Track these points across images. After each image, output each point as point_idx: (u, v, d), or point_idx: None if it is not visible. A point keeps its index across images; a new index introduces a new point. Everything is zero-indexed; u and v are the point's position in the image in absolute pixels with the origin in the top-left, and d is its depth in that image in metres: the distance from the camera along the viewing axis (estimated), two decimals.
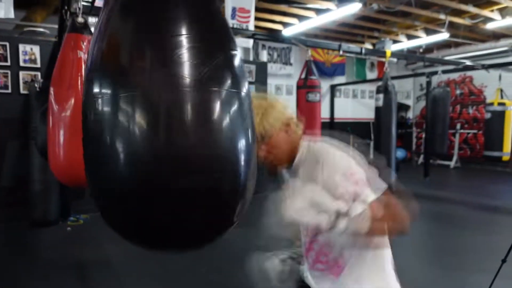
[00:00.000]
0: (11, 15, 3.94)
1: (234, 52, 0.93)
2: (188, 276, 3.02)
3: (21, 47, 4.53)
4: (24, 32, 5.00)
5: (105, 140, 0.83)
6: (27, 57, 4.57)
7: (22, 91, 4.52)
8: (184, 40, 0.83)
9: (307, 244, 1.26)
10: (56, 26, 3.09)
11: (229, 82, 0.88)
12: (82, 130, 0.90)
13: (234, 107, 0.87)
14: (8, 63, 4.47)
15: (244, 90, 0.91)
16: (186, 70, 0.81)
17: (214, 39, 0.90)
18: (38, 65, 4.59)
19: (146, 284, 2.92)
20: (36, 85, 4.14)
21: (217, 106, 0.84)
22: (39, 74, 4.56)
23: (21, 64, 4.53)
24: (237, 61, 0.92)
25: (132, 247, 1.19)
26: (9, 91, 4.47)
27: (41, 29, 5.12)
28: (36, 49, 4.59)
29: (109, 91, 0.83)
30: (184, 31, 0.84)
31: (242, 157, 0.88)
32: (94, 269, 3.16)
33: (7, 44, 4.47)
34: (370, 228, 0.97)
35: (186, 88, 0.81)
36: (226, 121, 0.85)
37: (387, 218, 1.01)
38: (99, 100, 0.84)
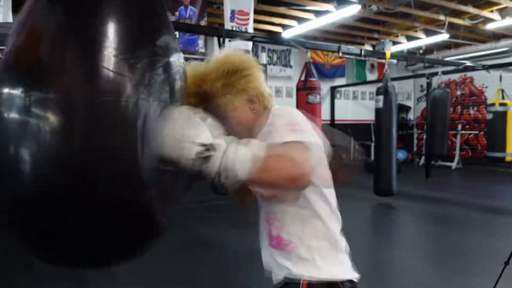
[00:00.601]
0: (10, 19, 3.94)
1: (166, 58, 0.83)
2: (188, 278, 2.99)
3: None
4: None
5: (11, 150, 0.73)
6: None
7: None
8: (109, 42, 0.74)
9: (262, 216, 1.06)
10: None
11: (153, 91, 0.79)
12: None
13: (146, 117, 0.78)
14: None
15: (163, 96, 0.83)
16: (108, 82, 0.73)
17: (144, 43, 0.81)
18: None
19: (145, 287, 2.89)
20: None
21: (134, 116, 0.76)
22: None
23: None
24: (166, 68, 0.83)
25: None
26: None
27: None
28: None
29: (19, 93, 0.72)
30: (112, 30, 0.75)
31: (149, 166, 0.79)
32: (94, 274, 3.14)
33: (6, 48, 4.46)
34: (260, 167, 0.79)
35: (105, 97, 0.72)
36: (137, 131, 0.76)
37: (274, 159, 0.81)
38: (8, 102, 0.74)
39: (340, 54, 5.20)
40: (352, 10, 6.13)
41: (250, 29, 5.36)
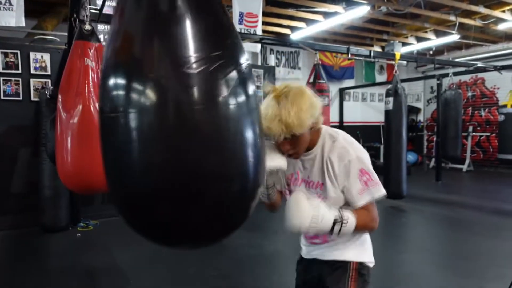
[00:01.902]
0: (22, 23, 4.01)
1: (237, 43, 0.93)
2: (197, 282, 3.00)
3: (32, 55, 4.59)
4: (35, 40, 5.07)
5: (123, 145, 0.81)
6: (37, 65, 4.63)
7: (33, 98, 4.58)
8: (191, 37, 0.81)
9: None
10: (66, 34, 3.12)
11: (239, 83, 0.85)
12: (100, 135, 0.87)
13: (245, 108, 0.86)
14: (20, 71, 4.53)
15: (252, 91, 0.90)
16: (197, 78, 0.79)
17: (220, 33, 0.90)
18: (49, 73, 4.64)
19: None
20: (46, 92, 4.19)
21: (229, 107, 0.83)
22: (49, 81, 4.62)
23: (32, 71, 4.59)
24: (240, 69, 0.90)
25: (141, 252, 1.21)
26: (20, 98, 4.53)
27: (52, 37, 5.18)
28: (46, 57, 4.64)
29: (122, 94, 0.80)
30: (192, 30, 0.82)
31: (252, 160, 0.86)
32: (103, 275, 3.16)
33: (19, 52, 4.53)
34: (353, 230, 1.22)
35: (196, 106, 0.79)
36: (237, 121, 0.84)
37: (363, 224, 1.25)
38: (113, 107, 0.81)
39: (349, 56, 5.17)
40: (361, 11, 6.10)
41: (259, 31, 5.37)
